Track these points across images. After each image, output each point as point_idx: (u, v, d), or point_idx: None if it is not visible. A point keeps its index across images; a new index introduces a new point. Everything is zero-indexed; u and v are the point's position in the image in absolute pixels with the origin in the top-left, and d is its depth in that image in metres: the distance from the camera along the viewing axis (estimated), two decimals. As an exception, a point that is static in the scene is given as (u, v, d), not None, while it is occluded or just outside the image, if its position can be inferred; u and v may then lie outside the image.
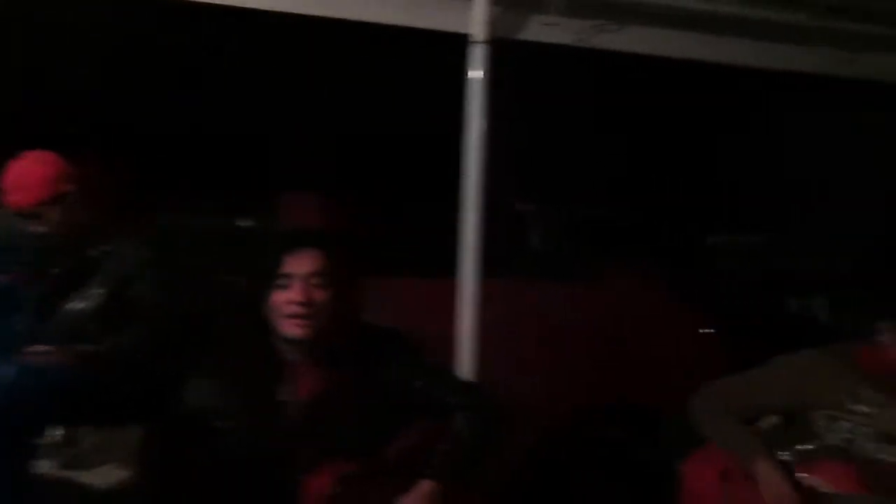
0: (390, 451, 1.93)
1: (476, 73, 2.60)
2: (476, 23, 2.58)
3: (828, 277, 5.26)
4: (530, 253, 3.63)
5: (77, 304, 2.44)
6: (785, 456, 2.29)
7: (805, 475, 2.24)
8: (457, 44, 2.65)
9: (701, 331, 3.79)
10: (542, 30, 2.67)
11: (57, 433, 2.24)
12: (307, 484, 1.85)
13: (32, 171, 2.41)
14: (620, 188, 6.30)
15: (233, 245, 3.37)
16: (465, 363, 2.56)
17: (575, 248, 3.75)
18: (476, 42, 2.60)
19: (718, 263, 5.89)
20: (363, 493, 1.85)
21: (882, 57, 3.17)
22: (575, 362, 3.34)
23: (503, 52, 2.68)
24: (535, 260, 3.63)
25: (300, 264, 1.92)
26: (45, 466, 2.24)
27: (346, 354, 1.96)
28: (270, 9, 2.57)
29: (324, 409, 1.91)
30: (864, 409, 2.29)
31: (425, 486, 1.86)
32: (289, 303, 1.89)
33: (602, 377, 3.37)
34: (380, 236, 3.35)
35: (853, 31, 3.05)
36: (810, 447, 2.29)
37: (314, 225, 3.12)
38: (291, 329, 1.89)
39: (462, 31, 2.63)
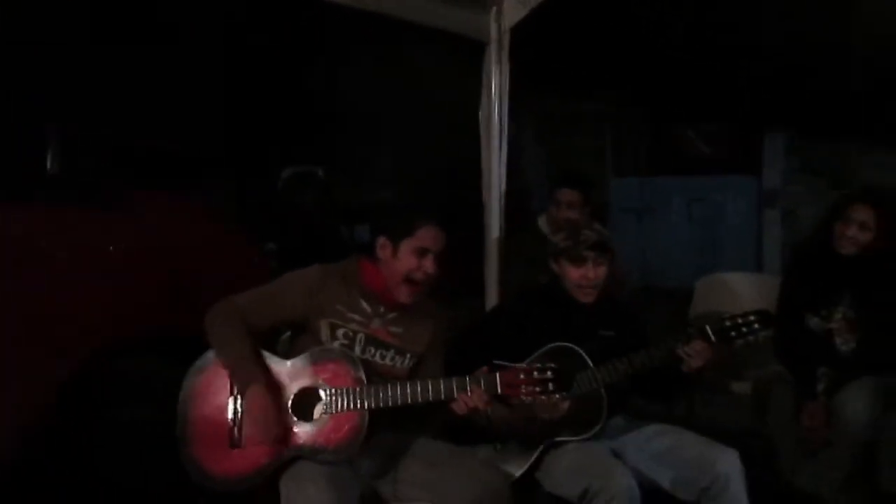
0: None
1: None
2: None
3: (375, 205, 5.78)
4: (52, 177, 3.32)
5: None
6: (298, 362, 2.48)
7: (312, 376, 2.46)
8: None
9: (254, 258, 3.85)
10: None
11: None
12: None
13: None
14: (186, 118, 6.12)
15: None
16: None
17: (105, 173, 3.52)
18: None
19: (285, 192, 6.11)
20: None
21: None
22: (104, 292, 3.16)
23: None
24: (58, 184, 3.33)
25: None
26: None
27: None
28: None
29: None
30: (358, 317, 2.56)
31: None
32: None
33: (138, 307, 3.24)
34: None
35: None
36: (318, 351, 2.49)
37: None
38: None
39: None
